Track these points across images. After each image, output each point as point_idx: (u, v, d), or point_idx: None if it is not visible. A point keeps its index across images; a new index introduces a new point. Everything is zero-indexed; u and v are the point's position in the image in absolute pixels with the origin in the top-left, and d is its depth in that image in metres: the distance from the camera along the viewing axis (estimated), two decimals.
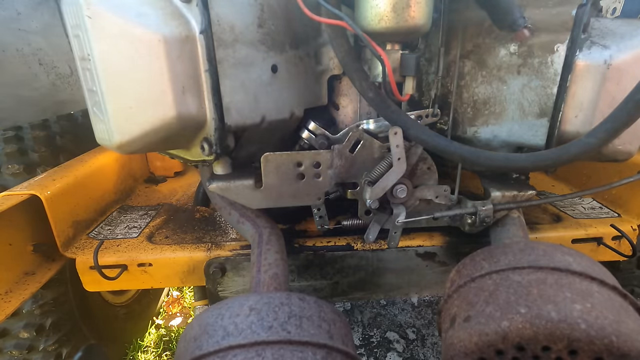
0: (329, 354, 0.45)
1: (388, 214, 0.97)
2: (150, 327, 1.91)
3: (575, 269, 0.49)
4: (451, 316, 0.46)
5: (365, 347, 1.72)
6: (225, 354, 0.43)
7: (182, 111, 0.72)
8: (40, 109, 1.38)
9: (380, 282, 1.07)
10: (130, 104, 0.69)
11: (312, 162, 0.90)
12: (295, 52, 0.87)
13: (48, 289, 1.20)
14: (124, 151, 0.74)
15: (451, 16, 0.86)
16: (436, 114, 0.96)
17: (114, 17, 0.64)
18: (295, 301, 0.50)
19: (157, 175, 1.64)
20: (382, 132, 0.95)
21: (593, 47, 0.79)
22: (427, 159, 0.93)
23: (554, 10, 0.79)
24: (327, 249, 1.03)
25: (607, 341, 0.34)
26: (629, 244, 1.08)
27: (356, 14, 0.77)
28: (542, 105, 0.85)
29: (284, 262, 0.78)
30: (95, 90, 0.69)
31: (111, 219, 1.22)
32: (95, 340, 1.40)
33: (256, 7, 0.77)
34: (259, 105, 0.82)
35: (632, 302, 0.42)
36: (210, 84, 0.74)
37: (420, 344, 1.75)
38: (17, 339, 1.19)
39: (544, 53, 0.82)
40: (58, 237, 1.01)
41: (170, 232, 1.15)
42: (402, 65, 0.81)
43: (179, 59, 0.70)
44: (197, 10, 0.70)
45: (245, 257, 1.01)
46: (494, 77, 0.89)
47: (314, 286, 1.06)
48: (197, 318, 0.50)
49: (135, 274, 1.03)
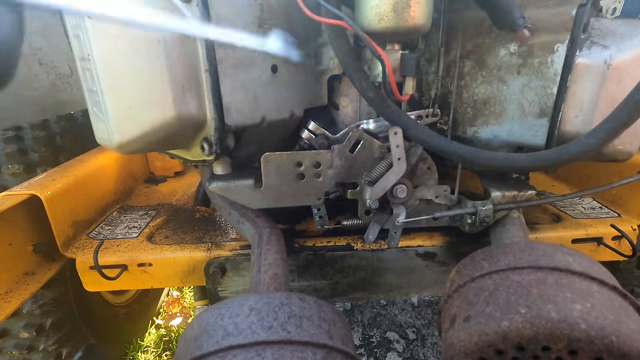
0: (329, 354, 0.45)
1: (388, 214, 0.97)
2: (150, 327, 1.91)
3: (576, 269, 0.49)
4: (451, 316, 0.46)
5: (365, 347, 1.72)
6: (225, 354, 0.43)
7: (182, 111, 0.72)
8: (40, 109, 1.38)
9: (380, 282, 1.07)
10: (130, 104, 0.69)
11: (312, 162, 0.90)
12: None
13: (48, 289, 1.20)
14: (124, 151, 0.74)
15: (451, 16, 0.86)
16: (436, 114, 0.96)
17: None
18: (295, 301, 0.50)
19: (157, 175, 1.64)
20: (382, 132, 0.95)
21: (593, 47, 0.79)
22: (427, 159, 0.93)
23: (554, 10, 0.79)
24: (327, 249, 1.03)
25: (607, 341, 0.34)
26: (629, 244, 1.08)
27: (356, 14, 0.77)
28: (542, 105, 0.85)
29: (284, 262, 0.78)
30: (95, 90, 0.69)
31: (111, 219, 1.22)
32: (95, 340, 1.40)
33: (256, 7, 0.77)
34: (259, 105, 0.82)
35: (632, 302, 0.42)
36: (210, 84, 0.74)
37: (420, 344, 1.75)
38: (17, 339, 1.19)
39: (544, 53, 0.82)
40: (58, 237, 1.01)
41: (170, 232, 1.15)
42: (402, 65, 0.81)
43: (179, 59, 0.70)
44: (197, 10, 0.70)
45: (245, 257, 1.01)
46: (494, 77, 0.89)
47: (314, 286, 1.06)
48: (197, 318, 0.50)
49: (135, 274, 1.03)
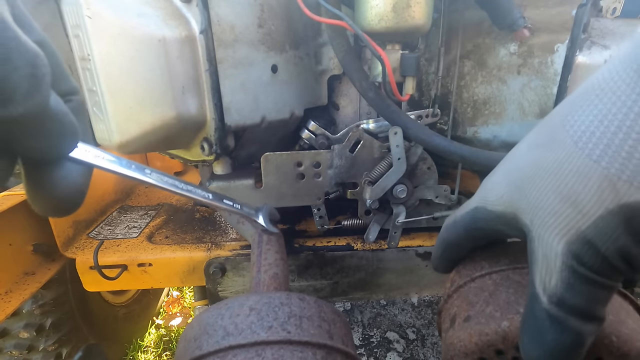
0: (329, 354, 0.45)
1: (388, 214, 0.97)
2: (150, 327, 1.91)
3: None
4: (451, 316, 0.46)
5: (365, 347, 1.72)
6: (225, 354, 0.43)
7: (182, 111, 0.72)
8: None
9: (380, 282, 1.07)
10: (130, 104, 0.69)
11: (312, 162, 0.90)
12: (295, 52, 0.87)
13: (48, 289, 1.20)
14: (124, 151, 0.74)
15: (451, 16, 0.86)
16: (436, 114, 0.96)
17: (114, 17, 0.64)
18: (295, 301, 0.50)
19: None
20: (382, 132, 0.95)
21: (593, 47, 0.79)
22: (427, 159, 0.93)
23: (554, 10, 0.79)
24: (327, 249, 1.03)
25: (607, 341, 0.34)
26: None
27: (356, 14, 0.77)
28: (542, 105, 0.85)
29: (284, 262, 0.78)
30: (95, 90, 0.69)
31: (111, 219, 1.22)
32: (95, 340, 1.40)
33: (256, 7, 0.77)
34: (259, 105, 0.82)
35: (632, 302, 0.42)
36: (210, 84, 0.74)
37: (420, 344, 1.75)
38: (17, 339, 1.19)
39: (544, 53, 0.82)
40: (58, 237, 1.01)
41: (170, 232, 1.15)
42: (402, 65, 0.81)
43: (178, 59, 0.70)
44: (197, 10, 0.70)
45: (245, 257, 1.01)
46: (494, 77, 0.89)
47: (314, 286, 1.06)
48: (197, 318, 0.50)
49: (135, 274, 1.03)
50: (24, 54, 0.26)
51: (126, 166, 0.40)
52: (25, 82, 0.26)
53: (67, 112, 0.32)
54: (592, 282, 0.29)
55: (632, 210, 0.27)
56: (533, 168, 0.33)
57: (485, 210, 0.39)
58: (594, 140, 0.28)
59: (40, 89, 0.27)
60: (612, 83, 0.28)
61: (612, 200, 0.27)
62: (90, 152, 0.36)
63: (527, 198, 0.33)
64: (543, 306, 0.32)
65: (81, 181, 0.35)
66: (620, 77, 0.28)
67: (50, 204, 0.34)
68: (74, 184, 0.34)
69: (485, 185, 0.40)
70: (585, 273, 0.29)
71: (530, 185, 0.33)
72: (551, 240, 0.30)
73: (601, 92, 0.29)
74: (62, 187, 0.34)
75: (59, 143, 0.32)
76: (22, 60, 0.26)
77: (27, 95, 0.26)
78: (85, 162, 0.35)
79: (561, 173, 0.30)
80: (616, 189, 0.27)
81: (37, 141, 0.30)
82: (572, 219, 0.29)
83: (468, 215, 0.42)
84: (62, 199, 0.34)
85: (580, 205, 0.29)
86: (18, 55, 0.25)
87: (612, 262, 0.28)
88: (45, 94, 0.28)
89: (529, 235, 0.33)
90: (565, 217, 0.30)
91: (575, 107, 0.31)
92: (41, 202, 0.34)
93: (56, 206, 0.34)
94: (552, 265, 0.30)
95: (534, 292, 0.33)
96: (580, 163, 0.29)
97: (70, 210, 0.35)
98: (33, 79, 0.26)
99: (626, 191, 0.27)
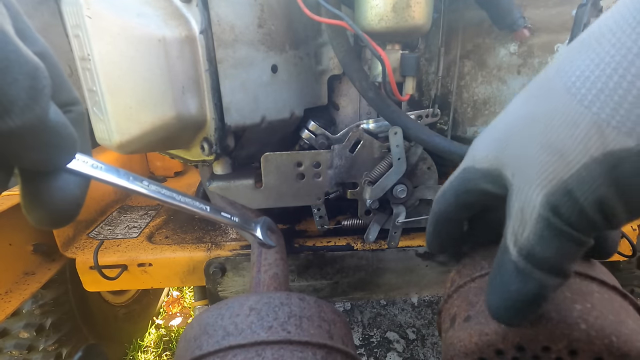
0: (329, 354, 0.45)
1: (388, 214, 0.97)
2: (150, 327, 1.91)
3: (575, 268, 0.49)
4: (451, 316, 0.46)
5: (365, 347, 1.72)
6: (225, 354, 0.43)
7: (182, 111, 0.72)
8: None
9: (380, 282, 1.07)
10: (130, 104, 0.69)
11: (312, 162, 0.90)
12: (295, 52, 0.87)
13: (48, 289, 1.20)
14: (124, 151, 0.74)
15: (451, 16, 0.86)
16: (436, 114, 0.96)
17: (114, 17, 0.64)
18: (295, 301, 0.50)
19: (157, 175, 1.64)
20: (382, 132, 0.95)
21: None
22: (427, 159, 0.93)
23: (554, 10, 0.79)
24: (327, 249, 1.03)
25: (607, 341, 0.34)
26: (629, 244, 1.08)
27: (356, 14, 0.77)
28: None
29: (284, 262, 0.78)
30: (95, 90, 0.69)
31: (111, 219, 1.22)
32: (95, 340, 1.40)
33: (256, 7, 0.77)
34: (259, 105, 0.82)
35: (632, 302, 0.42)
36: (210, 84, 0.74)
37: (420, 344, 1.75)
38: (17, 339, 1.19)
39: (544, 53, 0.82)
40: (58, 237, 1.01)
41: (170, 232, 1.15)
42: (402, 65, 0.81)
43: (178, 59, 0.70)
44: (197, 10, 0.70)
45: (245, 257, 1.01)
46: (494, 77, 0.89)
47: (314, 286, 1.06)
48: (197, 318, 0.50)
49: (135, 274, 1.03)
50: (24, 65, 0.26)
51: (124, 177, 0.40)
52: (24, 94, 0.26)
53: (67, 124, 0.31)
54: (566, 235, 0.28)
55: (617, 158, 0.25)
56: (522, 120, 0.31)
57: (474, 169, 0.37)
58: (587, 85, 0.26)
59: (39, 101, 0.27)
60: (615, 26, 0.26)
61: (597, 147, 0.26)
62: (88, 163, 0.35)
63: (512, 151, 0.31)
64: (511, 258, 0.31)
65: (78, 193, 0.34)
66: (625, 19, 0.26)
67: (46, 216, 0.33)
68: (71, 196, 0.34)
69: (474, 144, 0.38)
70: (559, 226, 0.28)
71: (517, 138, 0.31)
72: (530, 192, 0.29)
73: (601, 37, 0.27)
74: (58, 198, 0.33)
75: (57, 155, 0.31)
76: (22, 73, 0.25)
77: (25, 107, 0.26)
78: (82, 173, 0.35)
79: (549, 122, 0.28)
80: (604, 136, 0.25)
81: (35, 153, 0.30)
82: (555, 169, 0.27)
83: (457, 179, 0.40)
84: (57, 210, 0.33)
85: (565, 154, 0.27)
86: (18, 68, 0.25)
87: (588, 214, 0.27)
88: (45, 107, 0.28)
89: (510, 189, 0.32)
90: (547, 167, 0.28)
91: (572, 54, 0.29)
92: (36, 213, 0.33)
93: (52, 218, 0.33)
94: (527, 217, 0.29)
95: (505, 244, 0.32)
96: (571, 110, 0.27)
97: (66, 222, 0.34)
98: (32, 91, 0.26)
99: (614, 138, 0.25)
